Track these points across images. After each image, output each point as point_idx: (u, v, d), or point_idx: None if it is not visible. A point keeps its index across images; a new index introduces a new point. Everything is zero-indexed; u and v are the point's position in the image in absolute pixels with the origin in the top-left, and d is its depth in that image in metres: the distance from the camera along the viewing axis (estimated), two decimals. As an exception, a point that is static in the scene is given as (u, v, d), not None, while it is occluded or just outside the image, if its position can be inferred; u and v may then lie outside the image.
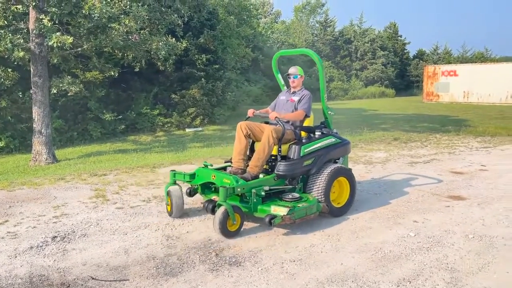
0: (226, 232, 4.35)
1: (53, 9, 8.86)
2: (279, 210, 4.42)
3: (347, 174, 5.24)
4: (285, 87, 5.85)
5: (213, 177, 4.80)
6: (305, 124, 5.30)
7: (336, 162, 5.38)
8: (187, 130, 15.55)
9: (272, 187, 4.74)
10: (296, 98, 5.32)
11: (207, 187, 5.20)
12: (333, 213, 5.02)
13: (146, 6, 10.37)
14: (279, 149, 4.93)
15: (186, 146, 11.55)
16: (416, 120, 17.60)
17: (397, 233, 4.57)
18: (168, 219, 5.00)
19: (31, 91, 9.78)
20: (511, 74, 26.83)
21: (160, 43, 10.41)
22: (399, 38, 48.67)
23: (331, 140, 5.28)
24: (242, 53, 22.68)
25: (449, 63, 40.69)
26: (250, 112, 5.39)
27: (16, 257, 3.96)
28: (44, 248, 4.15)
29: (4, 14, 9.56)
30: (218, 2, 19.58)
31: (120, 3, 9.58)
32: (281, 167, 4.81)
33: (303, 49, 5.65)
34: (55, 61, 10.42)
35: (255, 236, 4.46)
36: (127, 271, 3.66)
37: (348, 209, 5.23)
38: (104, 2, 9.02)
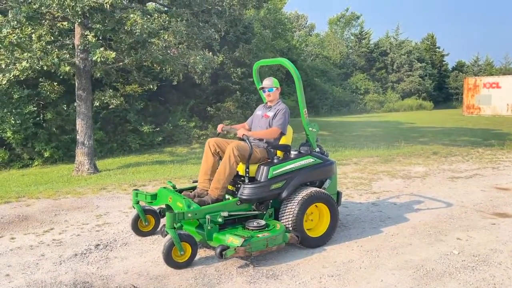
0: (171, 263, 3.88)
1: (97, 25, 9.27)
2: (233, 240, 3.89)
3: (326, 199, 4.56)
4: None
5: (170, 200, 4.42)
6: (282, 141, 4.76)
7: (323, 184, 4.83)
8: (222, 142, 15.71)
9: (233, 213, 4.25)
10: (270, 114, 4.78)
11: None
12: (307, 243, 4.41)
13: (184, 21, 10.68)
14: (247, 170, 4.42)
15: (221, 158, 11.66)
16: (456, 133, 17.05)
17: (440, 250, 4.42)
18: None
19: (75, 104, 10.23)
20: (558, 86, 25.64)
21: (198, 57, 10.66)
22: (437, 49, 47.61)
23: (308, 160, 4.65)
24: (276, 66, 22.84)
25: (491, 74, 39.31)
26: (219, 127, 4.96)
27: (61, 264, 4.10)
28: (88, 256, 4.29)
29: (51, 30, 10.12)
30: (254, 16, 19.86)
31: (159, 19, 9.92)
32: (245, 190, 4.29)
33: (279, 59, 5.03)
34: (98, 75, 10.86)
35: (292, 249, 4.43)
36: (167, 281, 3.72)
37: (328, 240, 4.59)
38: (145, 18, 9.37)
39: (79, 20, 9.30)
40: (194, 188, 4.76)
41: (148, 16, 10.01)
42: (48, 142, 12.38)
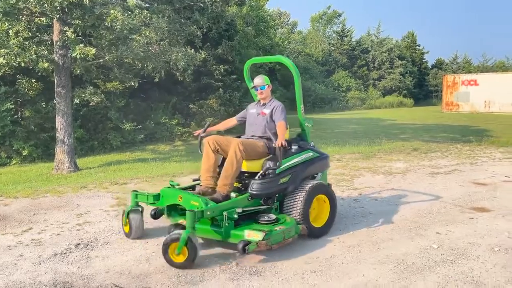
0: (168, 258, 3.91)
1: (77, 21, 9.09)
2: (253, 235, 3.97)
3: (327, 191, 4.84)
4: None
5: (180, 199, 4.31)
6: None
7: (314, 178, 5.01)
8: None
9: (245, 209, 4.30)
10: (267, 111, 4.88)
11: (174, 209, 4.56)
12: (312, 234, 4.60)
13: (166, 17, 10.56)
14: (263, 168, 4.52)
15: (204, 156, 11.60)
16: (435, 130, 17.36)
17: (420, 245, 4.50)
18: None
19: (55, 101, 10.02)
20: (533, 83, 26.35)
21: (179, 54, 10.56)
22: (417, 47, 48.32)
23: (308, 154, 4.84)
24: (259, 64, 22.81)
25: (469, 72, 40.14)
26: (195, 133, 5.10)
27: (40, 264, 4.03)
28: (68, 255, 4.22)
29: (29, 26, 9.86)
30: (236, 13, 19.80)
31: (140, 15, 9.78)
32: (255, 185, 4.38)
33: (277, 57, 5.15)
34: (78, 72, 10.64)
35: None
36: (149, 279, 3.70)
37: (329, 229, 4.83)
38: (126, 14, 9.22)
39: (58, 16, 9.10)
40: (194, 187, 4.73)
41: (129, 12, 9.86)
42: (26, 140, 12.10)
